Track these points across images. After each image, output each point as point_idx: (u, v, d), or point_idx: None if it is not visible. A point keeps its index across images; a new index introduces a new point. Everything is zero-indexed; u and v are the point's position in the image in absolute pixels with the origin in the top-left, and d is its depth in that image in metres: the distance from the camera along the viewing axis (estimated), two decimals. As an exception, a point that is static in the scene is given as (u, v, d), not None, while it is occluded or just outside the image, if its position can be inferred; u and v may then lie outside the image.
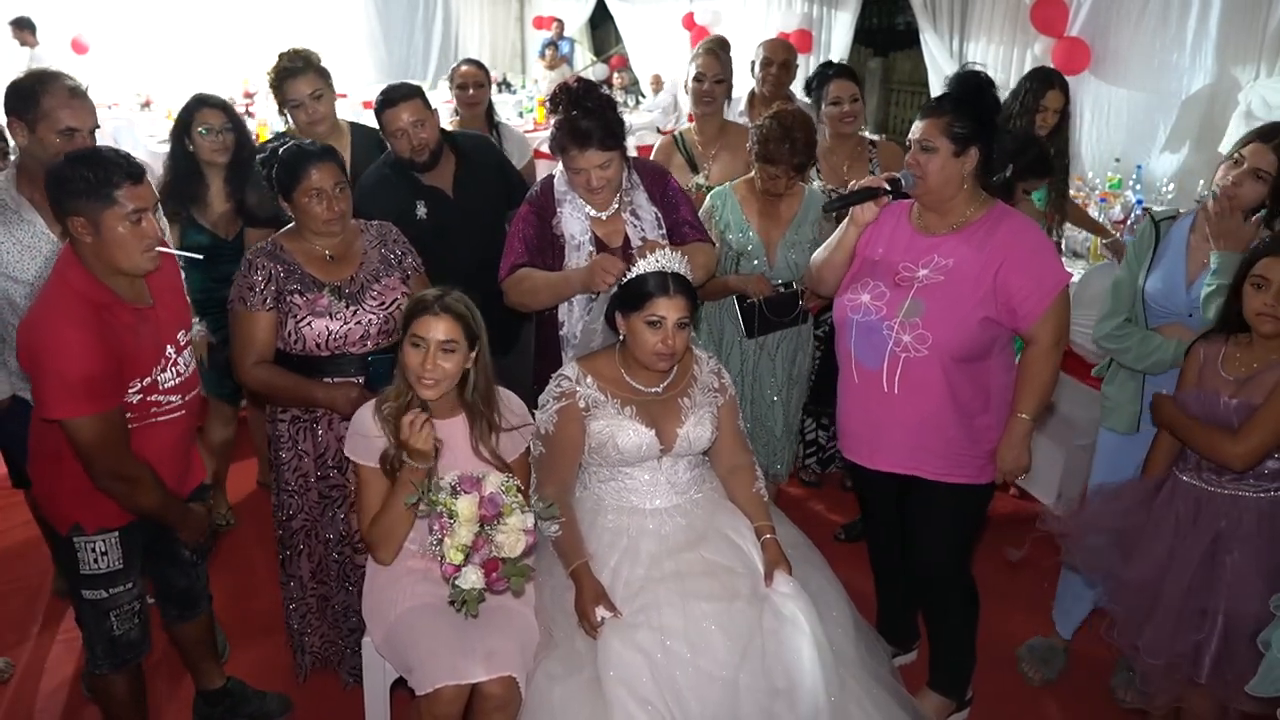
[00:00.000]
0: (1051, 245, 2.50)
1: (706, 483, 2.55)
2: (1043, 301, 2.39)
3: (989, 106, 2.47)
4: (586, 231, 2.79)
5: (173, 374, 2.32)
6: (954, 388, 2.46)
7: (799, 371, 3.35)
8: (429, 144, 3.21)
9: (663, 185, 2.92)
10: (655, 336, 2.33)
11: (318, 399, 2.57)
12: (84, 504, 2.28)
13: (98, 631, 2.40)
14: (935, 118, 2.42)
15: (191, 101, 3.45)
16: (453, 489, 2.14)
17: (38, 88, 2.59)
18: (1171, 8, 5.62)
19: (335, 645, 2.87)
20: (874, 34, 9.21)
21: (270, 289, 2.55)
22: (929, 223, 2.52)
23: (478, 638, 2.22)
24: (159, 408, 2.31)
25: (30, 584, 3.48)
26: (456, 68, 4.46)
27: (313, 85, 3.45)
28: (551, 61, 10.34)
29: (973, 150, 2.42)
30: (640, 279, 2.37)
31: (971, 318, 2.41)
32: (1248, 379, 2.33)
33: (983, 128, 2.42)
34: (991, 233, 2.44)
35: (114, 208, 2.11)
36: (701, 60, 3.87)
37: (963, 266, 2.42)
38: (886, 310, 2.47)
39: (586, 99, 2.66)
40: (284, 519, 2.75)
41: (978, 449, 2.53)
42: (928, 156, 2.42)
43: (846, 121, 3.66)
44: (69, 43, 9.34)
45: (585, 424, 2.40)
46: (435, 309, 2.27)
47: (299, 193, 2.53)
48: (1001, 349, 2.51)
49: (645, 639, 2.17)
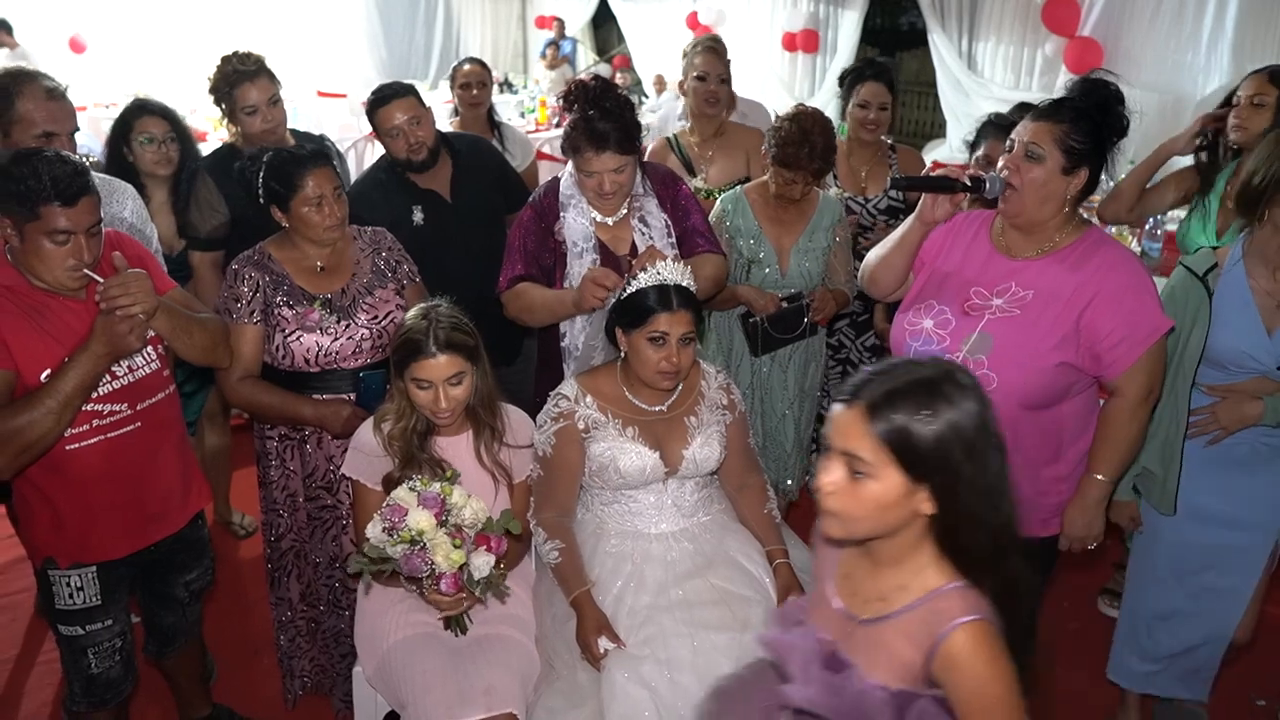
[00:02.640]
0: (1151, 284, 2.15)
1: (715, 504, 2.43)
2: (1135, 350, 2.07)
3: (1115, 124, 2.11)
4: (590, 238, 2.66)
5: (105, 375, 2.09)
6: (1018, 437, 2.11)
7: (811, 384, 3.24)
8: (426, 142, 3.09)
9: (674, 191, 2.79)
10: (658, 354, 2.21)
11: (306, 417, 2.45)
12: (56, 537, 2.16)
13: (74, 668, 2.27)
14: (1051, 122, 2.08)
15: (131, 107, 3.20)
16: (389, 531, 2.02)
17: (12, 89, 2.47)
18: (1187, 6, 5.53)
19: (326, 671, 2.75)
20: (879, 34, 9.12)
21: (258, 301, 2.43)
22: (1012, 243, 2.20)
23: (475, 672, 2.10)
24: (100, 418, 2.11)
25: (11, 603, 3.37)
26: (459, 66, 4.32)
27: (268, 90, 3.20)
28: (553, 61, 10.26)
29: (1083, 171, 2.09)
30: (640, 293, 2.22)
31: (1046, 361, 2.09)
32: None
33: (1102, 145, 2.10)
34: (1082, 264, 2.12)
35: (37, 222, 1.97)
36: (703, 59, 3.72)
37: (1043, 300, 2.11)
38: (950, 341, 2.17)
39: (605, 98, 2.52)
40: (272, 539, 2.64)
41: (1045, 501, 2.22)
42: (1031, 165, 2.08)
43: (869, 128, 3.51)
44: (66, 42, 9.28)
45: (585, 446, 2.29)
46: (431, 350, 2.14)
47: (297, 202, 2.39)
48: (1079, 392, 2.18)
49: (651, 672, 2.05)
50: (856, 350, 3.66)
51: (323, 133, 4.35)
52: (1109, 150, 2.13)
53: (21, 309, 2.03)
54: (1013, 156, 2.12)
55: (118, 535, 2.22)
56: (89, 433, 2.11)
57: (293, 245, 2.49)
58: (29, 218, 1.96)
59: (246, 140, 3.22)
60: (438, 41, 11.68)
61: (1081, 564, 3.25)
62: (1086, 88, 2.14)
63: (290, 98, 3.53)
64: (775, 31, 8.60)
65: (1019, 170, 2.10)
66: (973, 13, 6.87)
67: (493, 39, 12.04)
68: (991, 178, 2.15)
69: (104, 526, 2.19)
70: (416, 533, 2.00)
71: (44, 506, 2.12)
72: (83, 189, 2.00)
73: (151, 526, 2.28)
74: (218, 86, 3.22)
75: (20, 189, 1.95)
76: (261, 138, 3.15)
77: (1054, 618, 3.19)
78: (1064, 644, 3.14)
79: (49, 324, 2.05)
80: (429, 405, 2.18)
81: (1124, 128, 2.12)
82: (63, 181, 1.97)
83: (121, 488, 2.18)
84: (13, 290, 2.04)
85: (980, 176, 2.16)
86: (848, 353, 3.67)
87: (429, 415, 2.21)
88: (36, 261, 2.02)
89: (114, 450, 2.15)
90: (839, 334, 3.61)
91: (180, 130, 3.23)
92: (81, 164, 2.04)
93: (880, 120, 3.50)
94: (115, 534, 2.21)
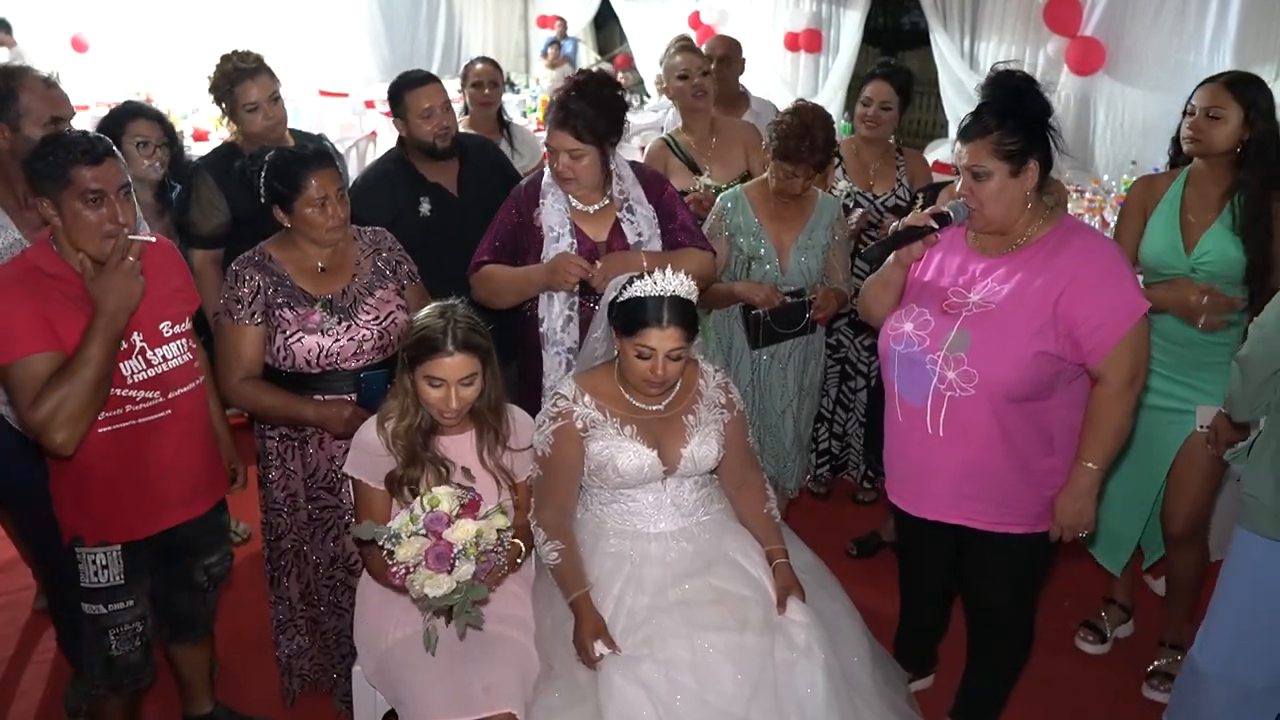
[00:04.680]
0: (1128, 268, 2.18)
1: (714, 503, 2.43)
2: (1114, 333, 2.08)
3: (1036, 108, 2.15)
4: (566, 224, 2.69)
5: (140, 363, 2.19)
6: (1007, 431, 2.17)
7: (810, 381, 3.23)
8: (452, 129, 3.15)
9: (660, 190, 2.82)
10: (644, 364, 2.21)
11: (308, 417, 2.44)
12: (83, 514, 2.22)
13: (95, 648, 2.31)
14: (980, 138, 2.13)
15: (123, 110, 3.15)
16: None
17: (12, 85, 2.51)
18: (1189, 6, 5.51)
19: (326, 670, 2.75)
20: (882, 33, 9.10)
21: (259, 302, 2.42)
22: (986, 243, 2.26)
23: (475, 671, 2.10)
24: (133, 404, 2.18)
25: (12, 600, 3.36)
26: (471, 65, 4.28)
27: (269, 87, 3.20)
28: (553, 60, 10.26)
29: (1031, 163, 2.14)
30: (636, 301, 2.20)
31: (1025, 352, 2.11)
32: None
33: (1035, 134, 2.14)
34: (1056, 253, 2.15)
35: (69, 189, 2.06)
36: (682, 58, 3.70)
37: (1019, 293, 2.14)
38: (930, 341, 2.21)
39: (591, 84, 2.60)
40: (272, 539, 2.64)
41: (1038, 494, 2.25)
42: (980, 184, 2.14)
43: (868, 125, 3.51)
44: (68, 41, 9.27)
45: (584, 445, 2.28)
46: (448, 348, 2.13)
47: (301, 202, 2.38)
48: (1067, 384, 2.20)
49: (649, 673, 2.05)
50: (855, 349, 3.66)
51: (322, 132, 4.35)
52: (1046, 130, 2.16)
53: (67, 296, 2.10)
54: (963, 183, 2.19)
55: (143, 515, 2.28)
56: (122, 417, 2.18)
57: (294, 245, 2.48)
58: (62, 185, 2.05)
59: (247, 139, 3.22)
60: (439, 41, 11.67)
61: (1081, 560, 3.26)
62: (995, 85, 2.19)
63: (291, 97, 3.53)
64: (778, 31, 8.58)
65: (973, 192, 2.17)
66: (975, 13, 6.86)
67: (495, 38, 12.03)
68: (954, 206, 2.22)
69: (131, 507, 2.25)
70: (468, 546, 2.00)
71: (73, 484, 2.20)
72: (106, 150, 2.11)
73: (177, 510, 2.34)
74: (218, 85, 3.22)
75: (49, 162, 2.05)
76: (262, 135, 3.15)
77: (1055, 615, 3.18)
78: (1065, 643, 3.14)
79: (89, 307, 2.09)
80: (438, 404, 2.17)
81: (1046, 105, 2.17)
82: (85, 144, 2.08)
83: (149, 472, 2.24)
84: (59, 279, 2.11)
85: (943, 212, 2.22)
86: (846, 351, 3.67)
87: (436, 414, 2.20)
88: (77, 232, 2.08)
89: (144, 435, 2.22)
90: (838, 333, 3.61)
91: (171, 134, 3.23)
92: (99, 134, 2.18)
93: (880, 119, 3.50)
94: (141, 514, 2.27)
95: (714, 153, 3.70)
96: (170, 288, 2.32)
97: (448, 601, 1.99)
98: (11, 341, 2.04)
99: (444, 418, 2.20)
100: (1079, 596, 3.31)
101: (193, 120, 7.64)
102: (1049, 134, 2.18)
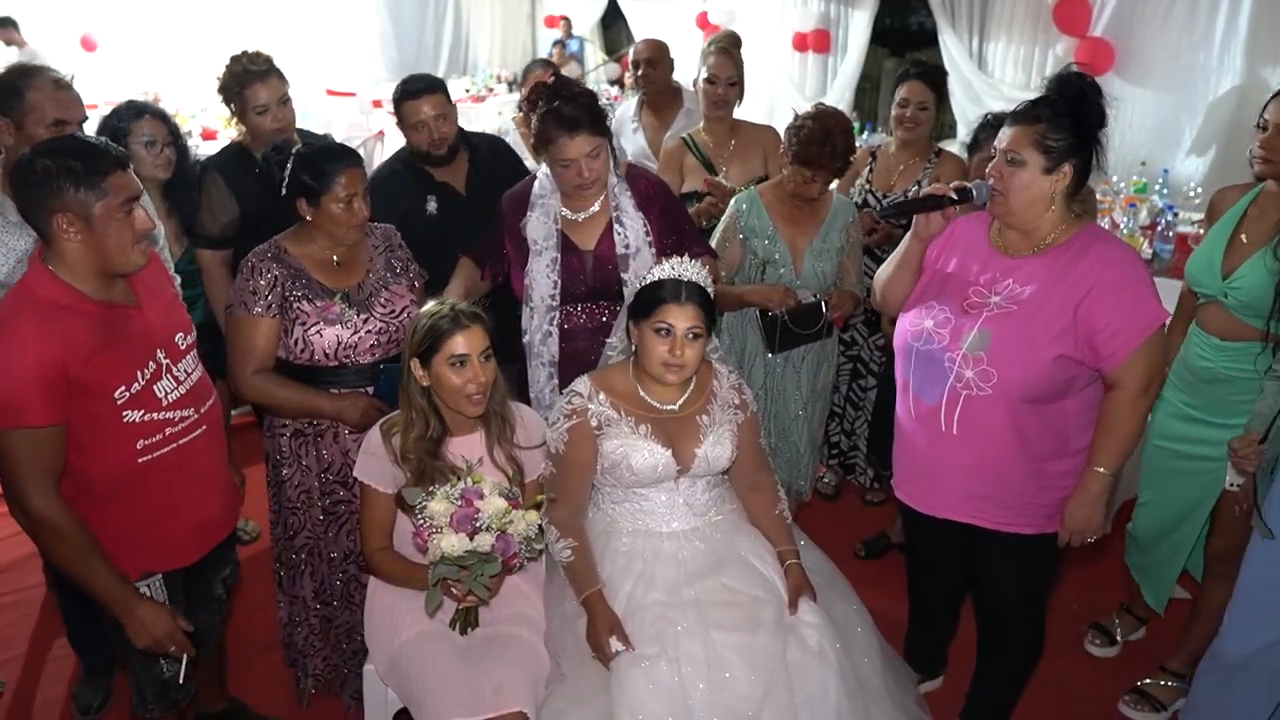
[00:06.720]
0: (1148, 276, 2.17)
1: (726, 503, 2.43)
2: (1132, 341, 2.08)
3: (1092, 117, 2.12)
4: (552, 236, 2.69)
5: (171, 382, 2.07)
6: (1022, 432, 2.17)
7: (823, 385, 3.23)
8: (448, 138, 3.13)
9: (663, 197, 2.81)
10: (663, 345, 2.21)
11: (325, 410, 2.45)
12: (121, 551, 2.06)
13: (147, 677, 2.24)
14: (1026, 125, 2.12)
15: (128, 109, 3.14)
16: (472, 533, 2.02)
17: (21, 83, 2.50)
18: (1199, 6, 5.50)
19: (338, 668, 2.75)
20: (890, 34, 9.08)
21: (276, 294, 2.42)
22: (1009, 242, 2.24)
23: (485, 670, 2.10)
24: (173, 425, 2.08)
25: (22, 599, 3.38)
26: (530, 69, 4.43)
27: (279, 89, 3.20)
28: (559, 60, 10.24)
29: (1066, 167, 2.12)
30: (653, 284, 2.24)
31: (1044, 355, 2.11)
32: None
33: (1082, 142, 2.11)
34: (1078, 258, 2.14)
35: (106, 198, 1.89)
36: (714, 61, 3.73)
37: (1040, 296, 2.14)
38: (949, 340, 2.20)
39: (565, 90, 2.59)
40: (286, 537, 2.63)
41: (1050, 496, 2.25)
42: (1013, 170, 2.13)
43: (906, 126, 3.49)
44: (78, 40, 9.30)
45: (598, 443, 2.28)
46: (462, 322, 2.17)
47: (328, 198, 2.37)
48: (1083, 387, 2.20)
49: (662, 671, 2.05)
50: (869, 347, 3.66)
51: (328, 132, 4.36)
52: (1093, 142, 2.14)
53: (86, 328, 1.93)
54: (996, 164, 2.17)
55: (187, 539, 2.20)
56: (162, 441, 2.07)
57: (310, 240, 2.48)
58: (97, 196, 1.88)
59: (255, 140, 3.22)
60: (447, 40, 11.70)
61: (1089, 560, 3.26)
62: (1060, 83, 2.15)
63: (299, 96, 3.54)
64: (786, 31, 8.58)
65: (1003, 176, 2.15)
66: (983, 13, 6.86)
67: (502, 38, 12.06)
68: (978, 185, 2.20)
69: (176, 533, 2.16)
70: (493, 518, 2.01)
71: (109, 524, 2.04)
72: (125, 153, 2.00)
73: (217, 529, 2.30)
74: (227, 86, 3.22)
75: (78, 170, 1.87)
76: (271, 137, 3.14)
77: (1063, 616, 3.18)
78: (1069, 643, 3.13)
79: (112, 336, 1.97)
80: (464, 385, 2.17)
81: (1102, 117, 2.14)
82: (111, 149, 1.95)
83: (192, 492, 2.16)
84: (72, 310, 1.93)
85: (966, 187, 2.21)
86: (859, 349, 3.67)
87: (464, 400, 2.19)
88: (109, 245, 1.92)
89: (185, 456, 2.13)
90: (853, 330, 3.61)
91: (176, 134, 3.24)
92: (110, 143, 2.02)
93: (918, 119, 3.48)
94: (184, 538, 2.20)
95: (732, 154, 3.72)
96: (168, 296, 2.21)
97: (461, 563, 2.00)
98: (16, 409, 1.85)
99: (472, 401, 2.19)
100: (1088, 599, 3.31)
101: (201, 119, 7.66)
102: (1095, 145, 2.15)
